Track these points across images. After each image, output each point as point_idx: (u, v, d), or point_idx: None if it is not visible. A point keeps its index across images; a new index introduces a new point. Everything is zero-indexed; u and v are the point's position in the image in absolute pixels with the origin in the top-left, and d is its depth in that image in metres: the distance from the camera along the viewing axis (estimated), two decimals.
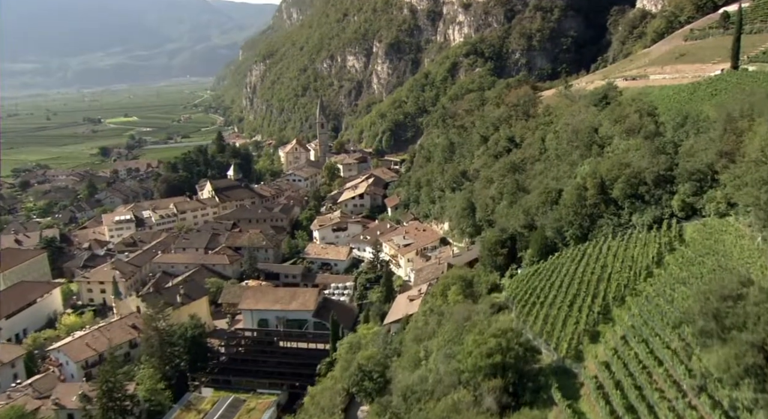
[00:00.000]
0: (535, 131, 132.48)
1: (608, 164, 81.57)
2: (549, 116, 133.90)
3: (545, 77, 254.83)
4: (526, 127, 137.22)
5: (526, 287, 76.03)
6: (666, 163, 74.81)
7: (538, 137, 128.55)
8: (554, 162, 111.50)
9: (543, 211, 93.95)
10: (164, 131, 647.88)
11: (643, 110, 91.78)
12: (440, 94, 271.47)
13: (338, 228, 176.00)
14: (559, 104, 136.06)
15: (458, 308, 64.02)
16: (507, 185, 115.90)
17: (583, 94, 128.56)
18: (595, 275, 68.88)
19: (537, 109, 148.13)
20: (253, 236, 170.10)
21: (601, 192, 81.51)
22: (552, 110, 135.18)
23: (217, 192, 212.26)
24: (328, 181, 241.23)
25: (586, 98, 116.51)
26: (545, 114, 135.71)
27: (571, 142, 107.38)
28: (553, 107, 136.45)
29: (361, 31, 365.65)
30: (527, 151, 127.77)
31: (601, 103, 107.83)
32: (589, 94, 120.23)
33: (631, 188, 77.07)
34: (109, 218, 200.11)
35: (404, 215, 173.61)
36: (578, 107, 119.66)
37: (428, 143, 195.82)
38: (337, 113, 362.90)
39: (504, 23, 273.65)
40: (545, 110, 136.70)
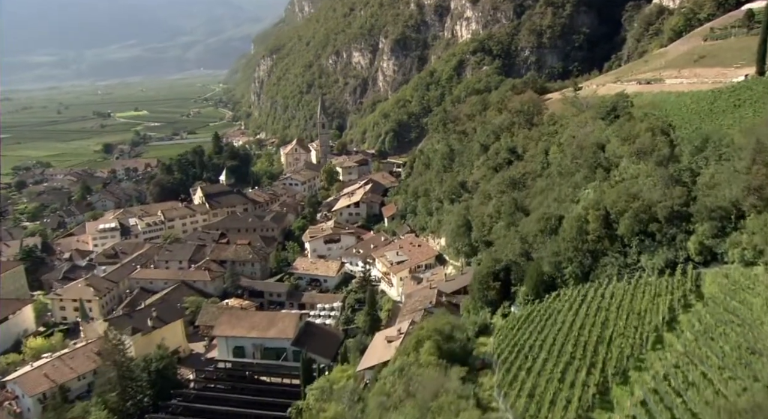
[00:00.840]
0: (539, 142, 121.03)
1: (614, 194, 70.17)
2: (554, 126, 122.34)
3: (556, 76, 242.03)
4: (529, 137, 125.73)
5: (514, 340, 65.21)
6: (682, 196, 63.35)
7: (541, 149, 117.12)
8: (556, 180, 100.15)
9: (541, 240, 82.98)
10: (172, 126, 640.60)
11: (656, 127, 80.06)
12: (446, 93, 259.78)
13: (330, 240, 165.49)
14: (565, 113, 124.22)
15: (428, 378, 53.26)
16: (505, 204, 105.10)
17: (590, 103, 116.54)
18: (594, 333, 57.79)
19: (542, 116, 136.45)
20: (239, 250, 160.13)
21: (605, 226, 70.22)
22: (557, 119, 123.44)
23: (207, 198, 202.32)
24: (327, 185, 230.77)
25: (593, 109, 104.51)
26: (550, 123, 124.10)
27: (576, 159, 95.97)
28: (558, 115, 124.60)
29: (367, 27, 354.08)
30: (528, 165, 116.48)
31: (609, 116, 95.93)
32: (597, 105, 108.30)
33: (640, 225, 65.78)
34: (94, 226, 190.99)
35: (400, 226, 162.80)
36: (585, 117, 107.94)
37: (428, 148, 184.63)
38: (342, 110, 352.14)
39: (513, 19, 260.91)
40: (550, 119, 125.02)
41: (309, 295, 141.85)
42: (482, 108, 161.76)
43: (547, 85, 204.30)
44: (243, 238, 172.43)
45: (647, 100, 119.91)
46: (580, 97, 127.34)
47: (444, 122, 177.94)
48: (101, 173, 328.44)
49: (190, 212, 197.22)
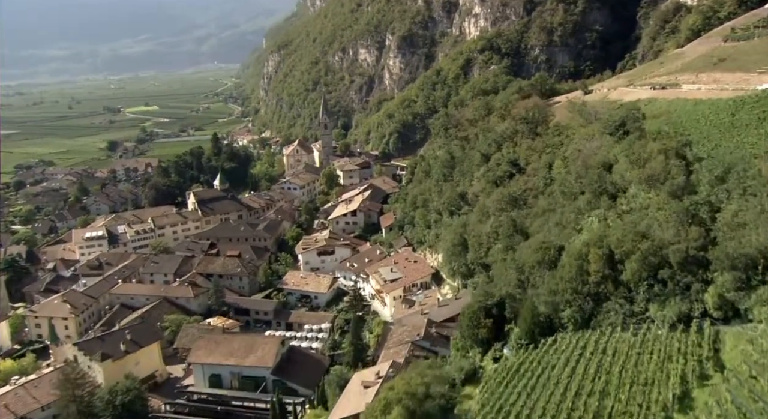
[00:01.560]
0: (542, 154, 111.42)
1: (620, 230, 60.71)
2: (559, 136, 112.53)
3: (567, 76, 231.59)
4: (533, 148, 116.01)
5: (501, 401, 56.15)
6: (699, 238, 53.83)
7: (545, 162, 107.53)
8: (559, 201, 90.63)
9: (539, 273, 73.71)
10: (181, 123, 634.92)
11: (669, 149, 70.14)
12: (452, 93, 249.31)
13: (324, 252, 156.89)
14: (572, 122, 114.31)
15: None
16: (503, 225, 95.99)
17: (599, 112, 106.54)
18: (591, 406, 48.53)
19: (548, 123, 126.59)
20: (228, 262, 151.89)
21: (609, 266, 60.79)
22: (563, 130, 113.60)
23: (200, 204, 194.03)
24: (327, 189, 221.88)
25: (601, 121, 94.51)
26: (555, 133, 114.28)
27: (580, 178, 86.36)
28: (564, 124, 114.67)
29: (373, 23, 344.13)
30: (531, 180, 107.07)
31: (618, 131, 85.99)
32: (606, 115, 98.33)
33: (649, 269, 56.24)
34: (80, 233, 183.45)
35: (397, 238, 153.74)
36: (592, 130, 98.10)
37: (429, 154, 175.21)
38: (348, 109, 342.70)
39: (523, 16, 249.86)
40: (555, 128, 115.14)
41: (297, 314, 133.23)
42: (485, 113, 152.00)
43: (556, 87, 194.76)
44: (233, 248, 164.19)
45: (662, 108, 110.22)
46: (588, 105, 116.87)
47: (446, 126, 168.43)
48: (101, 174, 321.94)
49: (181, 219, 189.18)
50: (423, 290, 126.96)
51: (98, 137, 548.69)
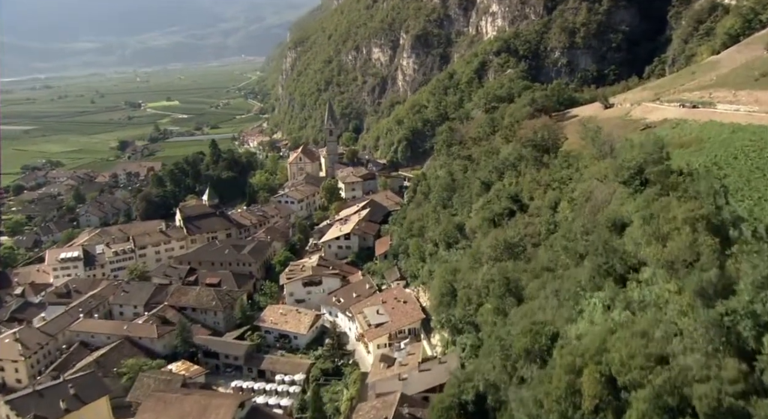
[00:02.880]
0: (547, 189, 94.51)
1: (625, 347, 43.93)
2: (568, 169, 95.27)
3: (589, 81, 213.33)
4: (537, 180, 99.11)
5: None
6: (737, 379, 36.98)
7: (550, 200, 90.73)
8: (561, 258, 73.79)
9: (527, 366, 57.47)
10: (198, 119, 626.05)
11: (699, 219, 52.69)
12: (464, 99, 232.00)
13: (311, 282, 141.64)
14: (584, 151, 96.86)
15: None
16: (496, 281, 79.89)
17: (615, 144, 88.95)
18: None
19: (559, 144, 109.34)
20: (202, 294, 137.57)
21: (609, 391, 44.27)
22: (572, 160, 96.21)
23: (186, 222, 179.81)
24: (327, 203, 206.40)
25: (615, 165, 76.35)
26: (564, 163, 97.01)
27: (586, 234, 69.60)
28: (576, 153, 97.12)
29: (387, 20, 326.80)
30: (532, 223, 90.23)
31: (635, 180, 68.29)
32: (620, 155, 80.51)
33: (664, 413, 39.52)
34: (55, 254, 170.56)
35: (390, 270, 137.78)
36: (605, 169, 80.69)
37: (431, 172, 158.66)
38: (359, 111, 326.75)
39: (543, 15, 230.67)
40: (564, 158, 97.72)
41: (271, 360, 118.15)
42: (491, 131, 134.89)
43: (575, 96, 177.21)
44: (213, 275, 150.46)
45: (692, 133, 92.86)
46: (603, 128, 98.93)
47: (448, 142, 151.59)
48: (102, 177, 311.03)
49: (164, 238, 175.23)
50: (411, 337, 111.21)
51: (113, 135, 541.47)
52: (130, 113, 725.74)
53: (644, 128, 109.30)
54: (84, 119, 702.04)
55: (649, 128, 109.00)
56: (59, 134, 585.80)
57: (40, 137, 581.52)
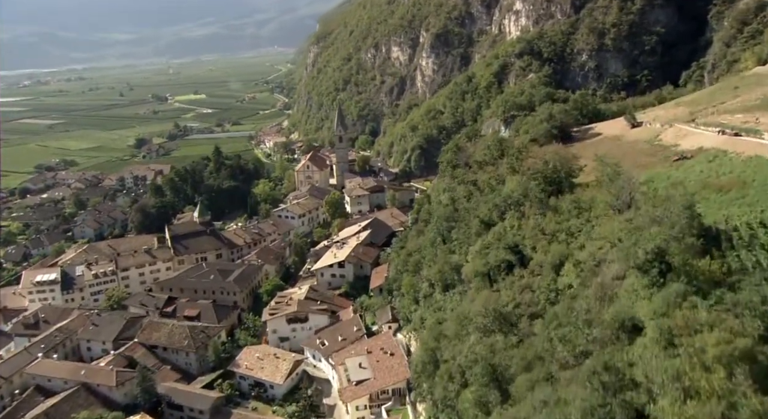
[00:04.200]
0: (552, 243, 78.23)
1: None
2: (578, 217, 78.63)
3: (619, 87, 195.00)
4: (542, 227, 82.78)
5: None
6: None
7: (553, 258, 74.46)
8: (557, 350, 57.79)
9: None
10: (222, 114, 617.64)
11: (737, 355, 36.42)
12: (482, 105, 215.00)
13: (296, 318, 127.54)
14: (599, 196, 79.90)
15: None
16: (480, 363, 64.52)
17: (636, 195, 71.93)
18: None
19: (573, 175, 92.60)
20: (175, 331, 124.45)
21: None
22: (584, 208, 79.37)
23: (173, 241, 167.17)
24: (330, 218, 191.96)
25: (627, 253, 58.62)
26: (574, 210, 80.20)
27: (588, 325, 53.67)
28: (586, 201, 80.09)
29: (408, 17, 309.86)
30: (529, 290, 74.27)
31: (653, 269, 51.04)
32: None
33: None
34: (31, 275, 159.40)
35: (382, 309, 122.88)
36: (620, 228, 64.22)
37: (434, 195, 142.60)
38: (377, 113, 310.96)
39: (570, 14, 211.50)
40: (575, 204, 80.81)
41: (239, 416, 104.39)
42: (498, 154, 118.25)
43: (600, 108, 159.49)
44: (193, 306, 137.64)
45: (733, 171, 76.31)
46: (623, 167, 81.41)
47: (454, 163, 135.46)
48: (110, 180, 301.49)
49: (149, 258, 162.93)
50: (395, 399, 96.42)
51: (135, 131, 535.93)
52: (156, 106, 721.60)
53: (678, 159, 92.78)
54: (110, 113, 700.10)
55: (681, 160, 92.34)
56: (82, 129, 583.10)
57: (64, 132, 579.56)
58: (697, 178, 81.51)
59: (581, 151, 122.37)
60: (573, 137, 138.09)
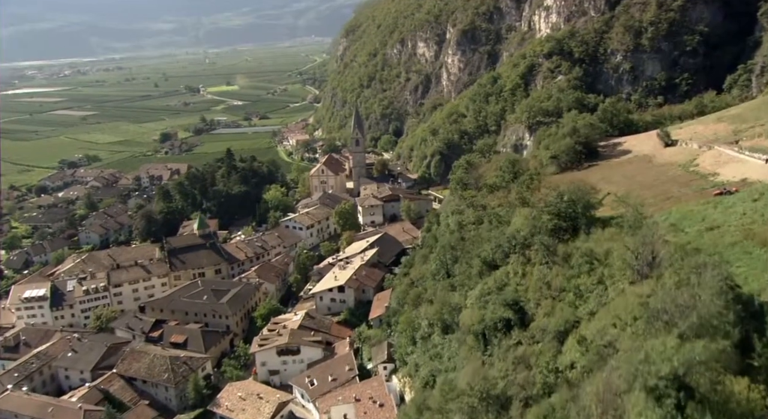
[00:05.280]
0: (556, 303, 65.59)
1: None
2: (589, 275, 65.44)
3: (656, 91, 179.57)
4: (547, 281, 69.94)
5: None
6: None
7: (557, 322, 61.87)
8: None
9: None
10: (253, 106, 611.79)
11: None
12: (507, 109, 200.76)
13: (287, 351, 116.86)
14: (616, 248, 66.37)
15: None
16: None
17: (659, 255, 58.42)
18: None
19: (592, 209, 79.31)
20: (155, 362, 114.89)
21: None
22: (596, 264, 66.06)
23: (171, 255, 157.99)
24: (341, 230, 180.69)
25: (635, 373, 45.20)
26: (584, 266, 66.89)
27: None
28: (600, 258, 66.60)
29: (434, 12, 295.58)
30: (525, 364, 61.71)
31: (668, 398, 37.86)
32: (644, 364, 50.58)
33: None
34: (20, 291, 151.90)
35: (379, 346, 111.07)
36: (633, 307, 51.34)
37: (443, 216, 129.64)
38: (401, 112, 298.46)
39: (604, 11, 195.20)
40: (586, 257, 67.50)
41: None
42: (511, 177, 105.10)
43: (632, 118, 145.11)
44: (180, 333, 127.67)
45: None
46: (644, 231, 66.43)
47: (464, 181, 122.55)
48: (126, 180, 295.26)
49: (144, 274, 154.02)
50: None
51: (164, 124, 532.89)
52: (187, 98, 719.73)
53: (718, 193, 79.30)
54: (142, 105, 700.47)
55: (722, 194, 78.70)
56: (113, 122, 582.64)
57: (95, 124, 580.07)
58: (738, 222, 68.13)
59: (606, 172, 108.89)
60: (599, 153, 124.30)
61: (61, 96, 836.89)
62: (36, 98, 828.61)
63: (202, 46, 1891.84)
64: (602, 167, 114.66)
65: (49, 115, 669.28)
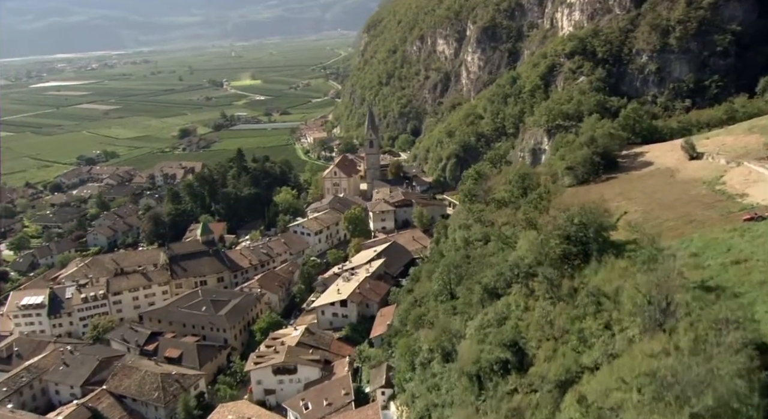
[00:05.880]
0: (559, 344, 58.71)
1: None
2: (595, 317, 58.29)
3: (683, 94, 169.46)
4: (549, 319, 63.01)
5: None
6: None
7: (557, 371, 55.16)
8: None
9: None
10: (275, 101, 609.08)
11: None
12: (526, 111, 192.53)
13: (284, 369, 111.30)
14: (628, 291, 58.92)
15: None
16: None
17: (674, 299, 51.17)
18: None
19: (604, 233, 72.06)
20: (146, 380, 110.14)
21: None
22: (603, 301, 58.87)
23: (172, 262, 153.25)
24: (350, 236, 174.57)
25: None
26: (590, 306, 59.78)
27: None
28: (609, 294, 59.37)
29: (455, 8, 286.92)
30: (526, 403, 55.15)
31: None
32: None
33: None
34: (18, 297, 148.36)
35: (378, 369, 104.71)
36: (638, 374, 44.43)
37: (451, 230, 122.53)
38: (419, 111, 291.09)
39: (630, 9, 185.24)
40: (593, 295, 60.34)
41: None
42: (521, 193, 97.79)
43: (657, 125, 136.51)
44: (176, 346, 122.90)
45: None
46: (659, 272, 58.72)
47: (472, 193, 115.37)
48: (140, 178, 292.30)
49: (144, 282, 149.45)
50: None
51: (185, 119, 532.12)
52: (210, 92, 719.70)
53: (748, 218, 72.08)
54: (165, 99, 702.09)
55: (752, 220, 71.09)
56: (136, 116, 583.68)
57: (117, 118, 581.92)
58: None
59: (625, 186, 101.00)
60: (618, 164, 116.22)
61: (87, 89, 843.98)
62: (63, 92, 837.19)
63: (230, 39, 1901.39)
64: (621, 180, 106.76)
65: (75, 108, 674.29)
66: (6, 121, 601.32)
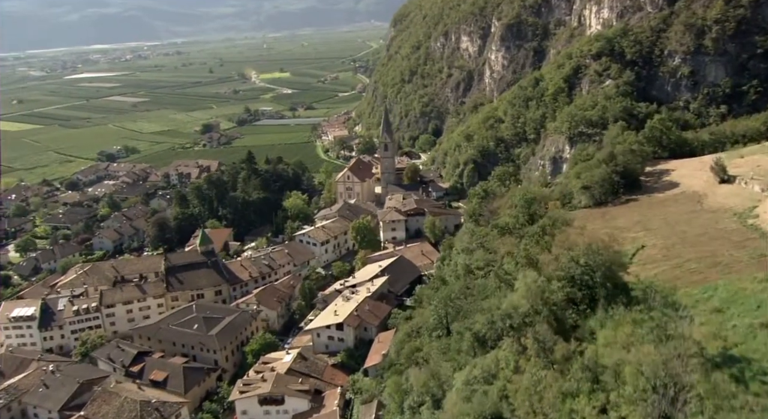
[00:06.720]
0: (563, 401, 49.45)
1: None
2: (591, 397, 48.83)
3: (719, 100, 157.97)
4: (538, 389, 53.75)
5: None
6: None
7: None
8: None
9: None
10: (302, 95, 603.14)
11: None
12: (548, 116, 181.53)
13: (270, 399, 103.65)
14: (630, 368, 49.31)
15: None
16: None
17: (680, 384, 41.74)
18: None
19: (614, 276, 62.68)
20: (125, 407, 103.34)
21: None
22: (600, 374, 49.44)
23: (169, 274, 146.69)
24: (358, 246, 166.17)
25: None
26: (585, 382, 50.36)
27: None
28: (610, 370, 49.84)
29: (479, 4, 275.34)
30: None
31: None
32: None
33: None
34: (9, 309, 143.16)
35: (369, 405, 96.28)
36: None
37: (455, 251, 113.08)
38: (441, 110, 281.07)
39: (663, 7, 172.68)
40: (589, 374, 50.84)
41: None
42: (526, 220, 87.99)
43: (686, 136, 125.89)
44: (161, 369, 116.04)
45: None
46: (670, 347, 48.87)
47: (478, 214, 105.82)
48: (156, 177, 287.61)
49: (138, 294, 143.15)
50: None
51: (210, 113, 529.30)
52: (238, 85, 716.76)
53: None
54: (193, 92, 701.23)
55: None
56: (162, 109, 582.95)
57: (144, 111, 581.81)
58: None
59: (646, 212, 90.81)
60: (641, 184, 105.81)
61: (118, 81, 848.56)
62: (95, 83, 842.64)
63: (263, 30, 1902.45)
64: (642, 204, 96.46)
65: (104, 101, 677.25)
66: (36, 113, 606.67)
